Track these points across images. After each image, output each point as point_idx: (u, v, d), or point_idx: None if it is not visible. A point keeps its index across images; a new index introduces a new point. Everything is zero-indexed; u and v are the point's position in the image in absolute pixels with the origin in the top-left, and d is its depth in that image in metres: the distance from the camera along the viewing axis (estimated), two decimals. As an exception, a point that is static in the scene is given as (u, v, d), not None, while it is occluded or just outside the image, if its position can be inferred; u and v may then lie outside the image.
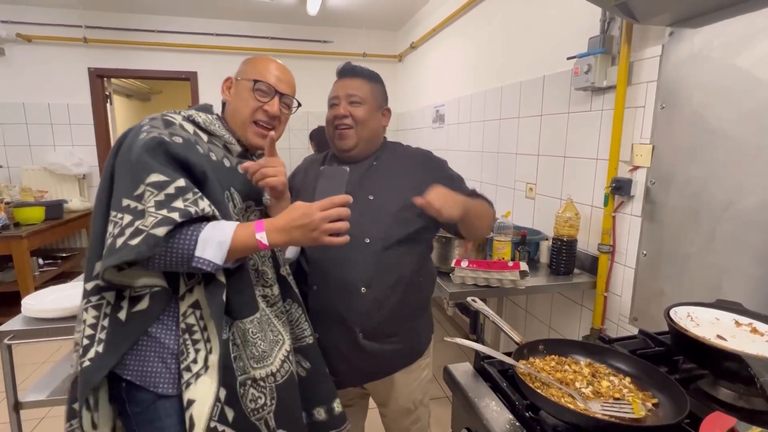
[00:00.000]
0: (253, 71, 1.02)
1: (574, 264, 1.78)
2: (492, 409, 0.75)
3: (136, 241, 0.75)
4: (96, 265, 0.85)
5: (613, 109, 1.61)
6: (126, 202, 0.79)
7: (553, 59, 2.00)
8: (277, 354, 0.97)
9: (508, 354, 0.82)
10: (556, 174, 2.03)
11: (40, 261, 3.47)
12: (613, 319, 1.71)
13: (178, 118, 0.93)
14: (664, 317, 0.87)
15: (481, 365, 0.87)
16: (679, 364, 0.89)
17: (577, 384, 0.77)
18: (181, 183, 0.81)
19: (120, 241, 0.76)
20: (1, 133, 3.80)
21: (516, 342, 0.88)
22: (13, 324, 1.35)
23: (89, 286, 0.86)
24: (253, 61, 1.04)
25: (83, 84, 3.89)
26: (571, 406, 0.68)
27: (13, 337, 1.32)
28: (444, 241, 1.75)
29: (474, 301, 1.01)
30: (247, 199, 1.01)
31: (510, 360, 0.80)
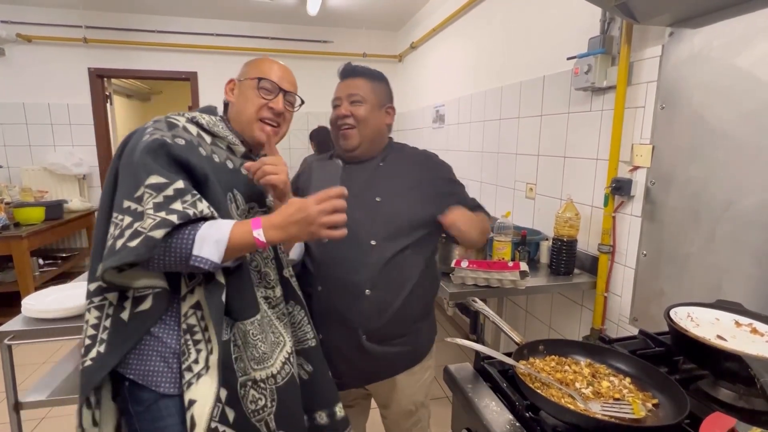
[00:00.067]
0: (256, 71, 1.02)
1: (574, 264, 1.78)
2: (492, 409, 0.75)
3: (135, 243, 0.75)
4: (99, 267, 0.85)
5: (613, 109, 1.61)
6: (126, 204, 0.79)
7: (553, 59, 2.00)
8: (277, 356, 0.96)
9: (508, 354, 0.82)
10: (556, 174, 2.03)
11: (40, 261, 3.47)
12: (613, 320, 1.71)
13: (181, 120, 0.93)
14: (664, 317, 0.87)
15: (482, 365, 0.87)
16: (680, 365, 0.89)
17: (577, 384, 0.77)
18: (180, 185, 0.80)
19: (119, 243, 0.76)
20: (1, 133, 3.80)
21: (516, 342, 0.88)
22: (13, 324, 1.35)
23: (92, 286, 0.86)
24: (255, 62, 1.05)
25: (83, 84, 3.90)
26: (571, 407, 0.68)
27: (13, 337, 1.31)
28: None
29: (474, 301, 1.01)
30: (250, 200, 1.01)
31: (510, 360, 0.80)
